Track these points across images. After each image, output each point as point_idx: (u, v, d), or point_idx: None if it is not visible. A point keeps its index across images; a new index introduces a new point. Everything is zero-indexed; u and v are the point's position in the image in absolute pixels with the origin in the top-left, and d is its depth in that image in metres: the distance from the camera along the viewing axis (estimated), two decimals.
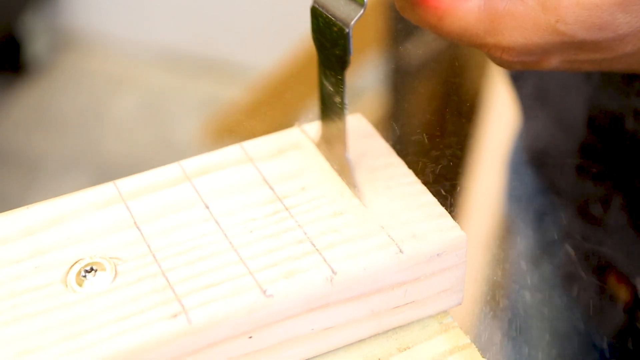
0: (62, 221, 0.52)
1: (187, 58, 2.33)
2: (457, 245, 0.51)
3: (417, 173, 0.54)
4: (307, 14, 0.51)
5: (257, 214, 0.52)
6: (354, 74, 1.89)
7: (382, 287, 0.50)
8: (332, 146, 0.53)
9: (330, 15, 0.50)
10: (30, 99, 2.33)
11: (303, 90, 1.92)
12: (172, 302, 0.47)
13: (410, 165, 0.55)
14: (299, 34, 1.93)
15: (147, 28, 2.34)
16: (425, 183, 0.54)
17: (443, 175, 0.58)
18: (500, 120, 1.39)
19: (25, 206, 0.53)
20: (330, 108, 0.53)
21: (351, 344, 0.52)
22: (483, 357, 0.51)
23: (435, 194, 0.53)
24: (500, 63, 0.52)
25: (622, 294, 0.74)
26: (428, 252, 0.50)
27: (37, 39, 2.36)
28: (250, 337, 0.48)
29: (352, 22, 0.49)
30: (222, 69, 2.30)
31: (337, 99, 0.52)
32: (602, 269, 0.74)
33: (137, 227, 0.51)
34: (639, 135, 0.68)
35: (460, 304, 0.53)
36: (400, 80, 1.71)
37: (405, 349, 0.52)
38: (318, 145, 0.55)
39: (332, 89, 0.52)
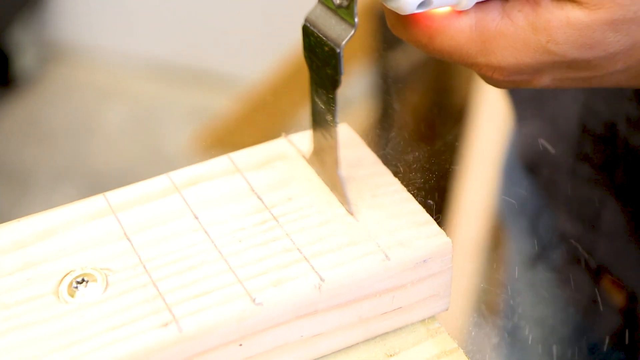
0: (53, 233, 0.52)
1: (176, 69, 2.34)
2: (442, 252, 0.52)
3: (407, 181, 0.55)
4: (296, 25, 0.52)
5: (246, 223, 0.53)
6: (343, 82, 1.90)
7: (369, 294, 0.51)
8: (324, 162, 0.54)
9: (322, 34, 0.50)
10: (20, 112, 2.34)
11: (292, 100, 1.93)
12: (162, 311, 0.48)
13: (399, 172, 0.56)
14: (287, 44, 1.94)
15: (135, 39, 2.35)
16: (415, 190, 0.54)
17: (434, 181, 0.59)
18: (489, 125, 1.40)
19: (16, 219, 0.53)
20: (322, 125, 0.53)
21: (340, 351, 0.52)
22: None
23: (425, 199, 0.54)
24: (492, 82, 0.52)
25: (617, 297, 0.75)
26: (414, 258, 0.51)
27: (25, 52, 2.36)
28: (241, 345, 0.49)
29: (343, 43, 0.50)
30: (211, 80, 2.31)
31: (329, 117, 0.52)
32: (596, 273, 0.75)
33: (127, 238, 0.52)
34: (630, 141, 0.69)
35: (447, 309, 0.54)
36: (388, 88, 1.72)
37: (393, 355, 0.52)
38: (310, 160, 0.55)
39: (323, 107, 0.52)
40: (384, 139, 0.58)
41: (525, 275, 0.85)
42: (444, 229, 0.52)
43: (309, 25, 0.51)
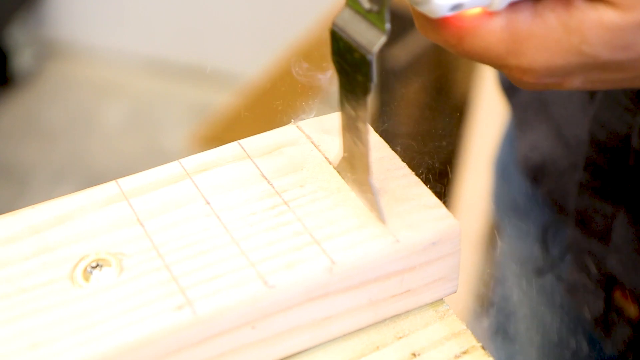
0: (66, 219, 0.53)
1: (175, 66, 2.34)
2: (451, 234, 0.52)
3: None
4: (294, 19, 0.52)
5: (257, 208, 0.53)
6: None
7: (379, 276, 0.52)
8: (354, 168, 0.53)
9: (351, 40, 0.49)
10: (18, 110, 2.34)
11: (291, 96, 1.94)
12: (176, 295, 0.49)
13: None
14: (285, 41, 1.95)
15: (133, 36, 2.35)
16: None
17: (431, 178, 0.59)
18: (488, 121, 1.41)
19: (31, 206, 0.54)
20: (352, 131, 0.52)
21: (350, 333, 0.53)
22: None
23: None
24: (521, 84, 0.51)
25: (629, 309, 0.74)
26: (423, 240, 0.52)
27: (23, 50, 2.37)
28: (253, 328, 0.50)
29: (375, 49, 0.48)
30: (210, 77, 2.32)
31: (360, 124, 0.51)
32: (608, 284, 0.75)
33: (140, 224, 0.53)
34: None
35: (456, 292, 0.55)
36: (386, 83, 1.73)
37: (402, 337, 0.53)
38: (339, 166, 0.55)
39: (353, 113, 0.51)
40: (381, 135, 0.57)
41: (532, 286, 0.85)
42: None
43: (337, 29, 0.50)
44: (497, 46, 0.49)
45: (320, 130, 0.58)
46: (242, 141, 0.57)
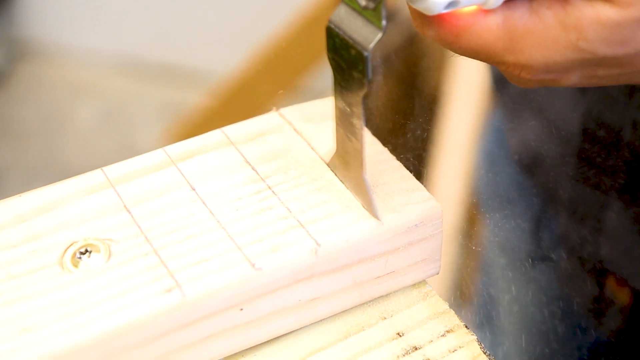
0: (54, 207, 0.54)
1: (147, 65, 2.34)
2: (433, 216, 0.54)
3: None
4: (266, 17, 0.52)
5: (242, 193, 0.54)
6: (313, 74, 1.92)
7: (364, 258, 0.53)
8: (348, 164, 0.54)
9: (347, 37, 0.50)
10: None
11: (263, 93, 1.95)
12: (165, 278, 0.50)
13: None
14: (257, 38, 1.95)
15: (105, 36, 2.35)
16: None
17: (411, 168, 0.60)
18: (462, 113, 1.42)
19: (17, 195, 0.54)
20: (346, 127, 0.53)
21: (336, 315, 0.54)
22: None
23: None
24: (518, 81, 0.51)
25: (621, 296, 0.75)
26: (406, 222, 0.53)
27: None
28: (241, 310, 0.50)
29: (371, 46, 0.49)
30: (182, 75, 2.32)
31: (355, 120, 0.52)
32: (600, 273, 0.75)
33: (127, 210, 0.53)
34: (637, 145, 0.69)
35: (438, 273, 0.56)
36: None
37: (387, 317, 0.54)
38: (331, 162, 0.55)
39: (348, 109, 0.52)
40: None
41: (525, 274, 0.85)
42: None
43: (333, 26, 0.50)
44: (494, 43, 0.49)
45: (302, 118, 0.59)
46: (225, 128, 0.58)
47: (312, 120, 0.58)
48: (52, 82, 2.37)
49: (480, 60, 0.51)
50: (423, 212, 0.53)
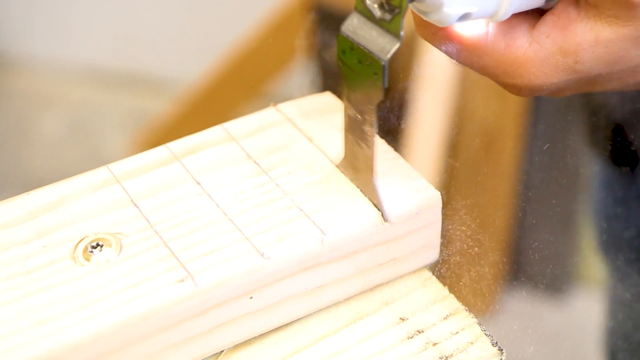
0: (62, 203, 0.55)
1: (112, 74, 2.34)
2: (433, 204, 0.55)
3: None
4: (230, 25, 0.53)
5: (246, 186, 0.55)
6: (279, 80, 1.93)
7: (367, 246, 0.54)
8: (357, 169, 0.55)
9: (363, 46, 0.50)
10: None
11: (229, 100, 1.96)
12: (177, 269, 0.51)
13: None
14: (221, 45, 1.96)
15: (69, 46, 2.35)
16: None
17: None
18: (431, 118, 1.44)
19: (26, 192, 0.56)
20: (356, 134, 0.54)
21: (341, 302, 0.55)
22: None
23: None
24: (514, 93, 0.54)
25: None
26: (408, 211, 0.54)
27: None
28: (251, 298, 0.52)
29: (389, 56, 0.49)
30: (148, 83, 2.33)
31: (367, 127, 0.53)
32: None
33: (135, 205, 0.54)
34: None
35: (438, 259, 0.57)
36: (327, 83, 1.75)
37: (390, 303, 0.56)
38: (341, 165, 0.56)
39: (359, 117, 0.53)
40: None
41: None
42: None
43: (346, 35, 0.51)
44: (495, 67, 0.52)
45: (300, 112, 0.60)
46: (225, 124, 0.59)
47: (309, 114, 0.60)
48: (17, 92, 2.36)
49: (480, 74, 0.53)
50: (423, 200, 0.55)
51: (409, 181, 0.55)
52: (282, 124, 0.59)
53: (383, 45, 0.50)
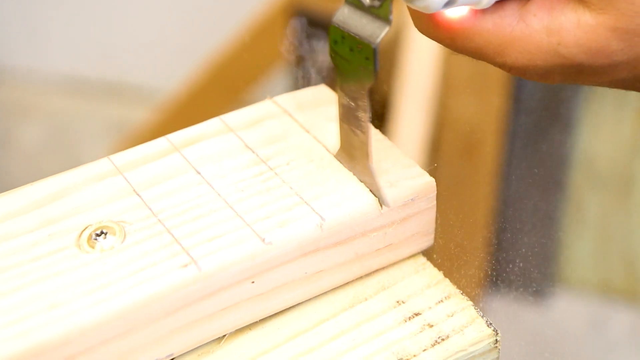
0: (66, 194, 0.56)
1: (90, 83, 2.35)
2: (427, 190, 0.57)
3: None
4: (209, 34, 0.54)
5: (245, 175, 0.57)
6: (261, 84, 1.94)
7: (364, 231, 0.56)
8: (354, 157, 0.56)
9: (353, 33, 0.52)
10: None
11: (210, 107, 1.97)
12: (181, 254, 0.52)
13: None
14: (200, 54, 1.98)
15: (47, 55, 2.36)
16: None
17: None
18: (411, 120, 1.46)
19: (30, 183, 0.57)
20: (351, 122, 0.55)
21: (339, 287, 0.57)
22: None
23: None
24: (508, 73, 0.55)
25: None
26: (403, 197, 0.56)
27: None
28: (253, 282, 0.53)
29: (379, 39, 0.51)
30: (127, 92, 2.33)
31: (360, 113, 0.54)
32: None
33: (137, 194, 0.56)
34: None
35: (432, 245, 0.59)
36: (306, 86, 1.76)
37: (387, 288, 0.57)
38: (338, 155, 0.58)
39: (353, 104, 0.55)
40: None
41: None
42: None
43: (337, 24, 0.53)
44: (486, 47, 0.53)
45: (296, 104, 0.62)
46: (223, 116, 0.61)
47: (305, 106, 0.61)
48: None
49: (476, 59, 0.54)
50: (418, 186, 0.56)
51: (404, 168, 0.57)
52: (278, 116, 0.61)
53: (373, 30, 0.52)
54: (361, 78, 0.53)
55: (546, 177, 1.65)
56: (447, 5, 0.51)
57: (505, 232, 1.60)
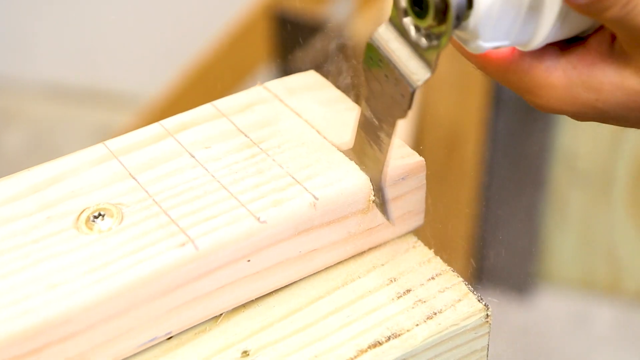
0: (63, 178, 0.57)
1: (73, 89, 2.36)
2: (417, 169, 0.58)
3: None
4: (190, 39, 0.55)
5: (238, 157, 0.58)
6: (242, 88, 1.95)
7: (357, 211, 0.57)
8: (365, 165, 0.57)
9: (392, 63, 0.51)
10: None
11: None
12: (178, 234, 0.53)
13: None
14: (182, 57, 1.99)
15: (30, 62, 2.36)
16: None
17: None
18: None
19: (27, 169, 0.58)
20: (370, 136, 0.55)
21: (332, 266, 0.58)
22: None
23: None
24: (537, 109, 0.55)
25: None
26: (394, 176, 0.57)
27: None
28: (249, 261, 0.54)
29: (419, 84, 0.50)
30: (109, 98, 2.34)
31: (383, 135, 0.54)
32: None
33: (133, 177, 0.57)
34: None
35: (422, 224, 0.60)
36: None
37: (379, 266, 0.58)
38: (347, 152, 0.58)
39: (377, 123, 0.54)
40: None
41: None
42: None
43: (376, 46, 0.52)
44: (517, 84, 0.53)
45: (286, 89, 0.63)
46: (215, 102, 0.62)
47: (295, 91, 0.62)
48: None
49: (507, 87, 0.55)
50: (408, 165, 0.58)
51: (395, 148, 0.58)
52: (270, 101, 0.62)
53: (415, 71, 0.50)
54: (392, 108, 0.52)
55: (528, 175, 1.66)
56: (494, 47, 0.51)
57: (487, 230, 1.62)
